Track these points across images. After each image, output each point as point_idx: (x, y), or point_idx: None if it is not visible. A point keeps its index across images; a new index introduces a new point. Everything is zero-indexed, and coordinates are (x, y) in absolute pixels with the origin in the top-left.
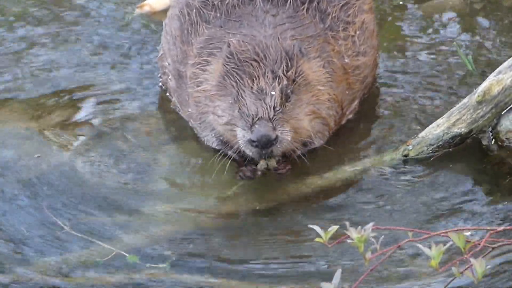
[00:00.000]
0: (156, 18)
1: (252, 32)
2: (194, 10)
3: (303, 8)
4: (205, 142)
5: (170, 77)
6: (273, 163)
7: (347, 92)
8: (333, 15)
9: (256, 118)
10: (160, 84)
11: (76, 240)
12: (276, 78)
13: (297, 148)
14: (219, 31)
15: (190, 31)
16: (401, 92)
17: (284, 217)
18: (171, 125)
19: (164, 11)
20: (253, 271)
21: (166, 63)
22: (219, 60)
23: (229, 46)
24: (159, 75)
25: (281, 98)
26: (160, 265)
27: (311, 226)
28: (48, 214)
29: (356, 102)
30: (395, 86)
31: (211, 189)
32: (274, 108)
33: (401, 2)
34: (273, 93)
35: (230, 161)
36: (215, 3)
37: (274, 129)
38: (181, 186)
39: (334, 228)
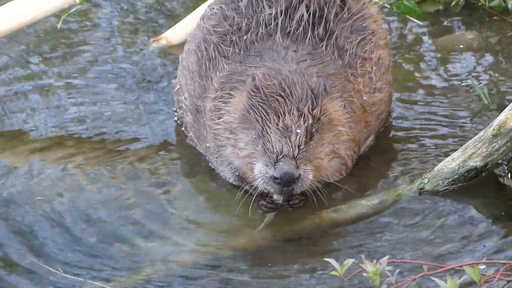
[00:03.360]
0: (172, 52)
1: (275, 66)
2: (212, 46)
3: (322, 45)
4: (222, 177)
5: (186, 112)
6: None
7: (364, 131)
8: (351, 51)
9: (281, 156)
10: (176, 118)
11: (80, 279)
12: (301, 116)
13: (315, 186)
14: (240, 67)
15: (208, 66)
16: (416, 126)
17: (300, 251)
18: (187, 160)
19: (181, 45)
20: None
21: (183, 98)
22: (242, 93)
23: (254, 79)
24: (175, 109)
25: (306, 137)
26: None
27: (327, 259)
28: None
29: (371, 138)
30: (410, 119)
31: (226, 224)
32: (298, 146)
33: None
34: (298, 131)
35: (251, 198)
36: (233, 38)
37: (297, 167)
38: (195, 221)
39: (350, 261)
